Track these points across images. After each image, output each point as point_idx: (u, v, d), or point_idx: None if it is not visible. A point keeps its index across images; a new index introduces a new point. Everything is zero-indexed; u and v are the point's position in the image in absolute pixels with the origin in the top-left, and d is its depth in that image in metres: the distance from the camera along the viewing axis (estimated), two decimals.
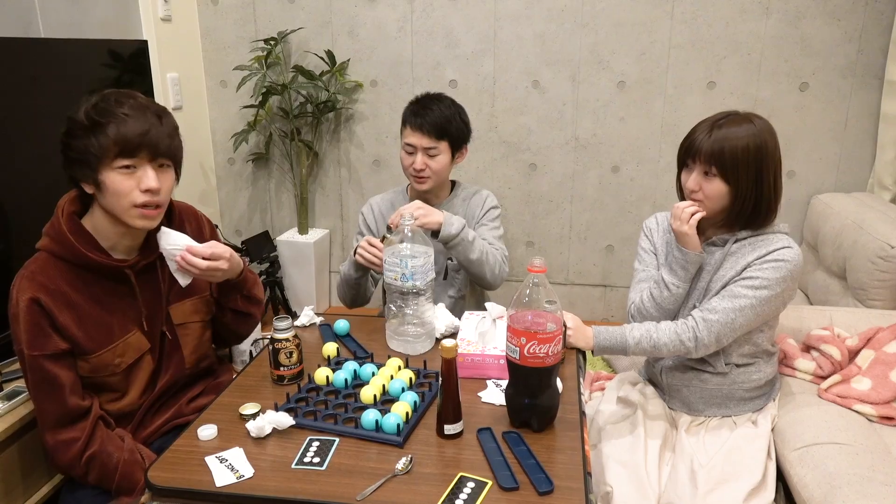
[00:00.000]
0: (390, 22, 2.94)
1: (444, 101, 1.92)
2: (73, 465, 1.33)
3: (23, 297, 1.29)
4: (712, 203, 1.54)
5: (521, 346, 1.19)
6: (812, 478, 1.48)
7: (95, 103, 1.29)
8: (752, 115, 1.54)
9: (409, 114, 1.91)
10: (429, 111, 1.88)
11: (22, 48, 1.81)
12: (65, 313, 1.32)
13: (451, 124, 1.89)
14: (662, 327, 1.57)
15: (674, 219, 1.57)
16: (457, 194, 2.04)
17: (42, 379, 1.31)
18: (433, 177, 1.91)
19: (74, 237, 1.33)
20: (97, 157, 1.28)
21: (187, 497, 1.11)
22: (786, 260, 1.51)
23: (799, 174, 2.85)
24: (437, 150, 1.88)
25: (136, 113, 1.30)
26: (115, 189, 1.30)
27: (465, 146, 1.98)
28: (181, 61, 2.94)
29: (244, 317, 1.60)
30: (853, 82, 2.71)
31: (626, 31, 2.79)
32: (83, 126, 1.28)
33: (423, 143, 1.87)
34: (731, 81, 2.78)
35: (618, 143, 2.94)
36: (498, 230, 2.03)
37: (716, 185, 1.51)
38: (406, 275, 1.49)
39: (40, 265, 1.33)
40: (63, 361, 1.33)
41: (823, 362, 1.84)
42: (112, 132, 1.27)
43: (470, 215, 2.02)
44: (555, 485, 1.09)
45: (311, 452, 1.18)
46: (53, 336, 1.31)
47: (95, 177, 1.30)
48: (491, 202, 2.03)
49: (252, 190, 3.32)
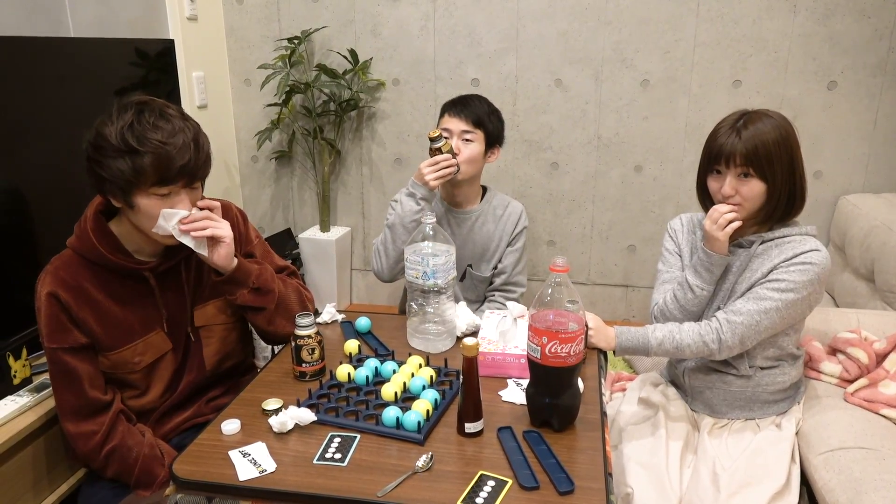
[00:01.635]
0: (413, 21, 2.95)
1: (483, 100, 1.99)
2: (92, 457, 1.36)
3: (43, 291, 1.32)
4: (750, 204, 1.51)
5: (542, 346, 1.19)
6: (837, 482, 1.45)
7: (130, 125, 1.25)
8: (766, 110, 1.52)
9: (448, 105, 1.98)
10: (469, 103, 1.95)
11: (53, 47, 1.85)
12: (84, 309, 1.34)
13: (489, 119, 1.96)
14: (686, 328, 1.56)
15: (709, 220, 1.53)
16: (489, 201, 2.05)
17: (60, 371, 1.34)
18: (464, 165, 1.91)
19: (97, 238, 1.34)
20: (132, 182, 1.27)
21: (211, 490, 1.12)
22: (813, 263, 1.48)
23: (826, 174, 2.80)
24: (473, 137, 1.92)
25: (174, 140, 1.27)
26: (148, 212, 1.31)
27: (498, 147, 2.02)
28: (206, 60, 2.98)
29: (258, 312, 1.51)
30: (883, 81, 2.65)
31: (650, 29, 2.77)
32: (118, 149, 1.25)
33: (460, 126, 1.92)
34: (757, 80, 2.74)
35: (641, 142, 2.91)
36: (523, 259, 2.09)
37: (753, 186, 1.49)
38: (427, 273, 1.49)
39: (65, 261, 1.36)
40: (82, 355, 1.35)
41: (850, 365, 1.81)
42: (151, 162, 1.25)
43: (501, 231, 2.04)
44: (575, 485, 1.08)
45: (333, 448, 1.19)
46: (73, 330, 1.33)
47: (129, 199, 1.29)
48: (524, 222, 2.07)
49: (275, 187, 3.35)
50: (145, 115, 1.27)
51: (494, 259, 2.04)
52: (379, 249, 1.94)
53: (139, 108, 1.28)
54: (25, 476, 1.46)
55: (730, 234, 1.52)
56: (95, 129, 1.28)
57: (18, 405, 1.48)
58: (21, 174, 1.72)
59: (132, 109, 1.28)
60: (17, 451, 1.44)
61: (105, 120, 1.27)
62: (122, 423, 1.38)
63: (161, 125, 1.27)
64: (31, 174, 1.75)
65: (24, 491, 1.46)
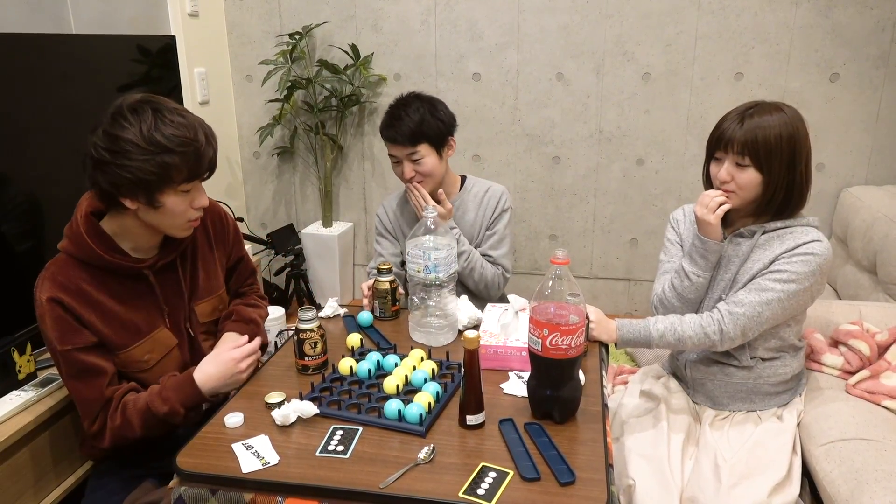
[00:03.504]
0: (414, 15, 2.95)
1: (411, 104, 1.89)
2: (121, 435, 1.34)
3: (44, 296, 1.30)
4: (744, 193, 1.52)
5: (543, 338, 1.20)
6: (839, 473, 1.46)
7: (154, 125, 1.25)
8: (781, 104, 1.52)
9: (383, 128, 1.91)
10: (399, 121, 1.86)
11: (55, 44, 1.85)
12: (88, 311, 1.33)
13: (424, 125, 1.86)
14: (687, 320, 1.56)
15: (700, 206, 1.55)
16: (468, 189, 2.03)
17: (79, 370, 1.32)
18: (427, 179, 1.91)
19: (91, 239, 1.33)
20: (163, 181, 1.27)
21: (214, 482, 1.13)
22: (815, 254, 1.49)
23: (829, 167, 2.80)
24: (419, 154, 1.87)
25: (199, 137, 1.30)
26: (174, 209, 1.32)
27: (450, 139, 1.95)
28: (208, 56, 2.98)
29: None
30: (886, 72, 2.64)
31: (651, 22, 2.76)
32: (146, 150, 1.24)
33: (402, 152, 1.88)
34: (759, 72, 2.74)
35: (642, 135, 2.91)
36: (506, 241, 2.02)
37: (749, 175, 1.49)
38: (429, 267, 1.50)
39: (60, 266, 1.34)
40: (98, 352, 1.35)
41: (852, 357, 1.81)
42: (182, 161, 1.27)
43: (482, 217, 2.01)
44: (576, 476, 1.09)
45: (335, 441, 1.20)
46: (83, 330, 1.33)
47: (154, 198, 1.29)
48: (505, 202, 2.01)
49: (277, 183, 3.36)
50: (164, 114, 1.27)
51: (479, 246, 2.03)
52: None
53: (154, 108, 1.27)
54: (31, 470, 1.48)
55: (720, 218, 1.53)
56: (108, 133, 1.24)
57: (23, 400, 1.49)
58: (24, 170, 1.73)
59: (147, 109, 1.26)
60: (23, 446, 1.45)
61: (119, 122, 1.24)
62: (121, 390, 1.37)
63: (182, 122, 1.28)
64: (33, 170, 1.76)
65: (30, 485, 1.47)
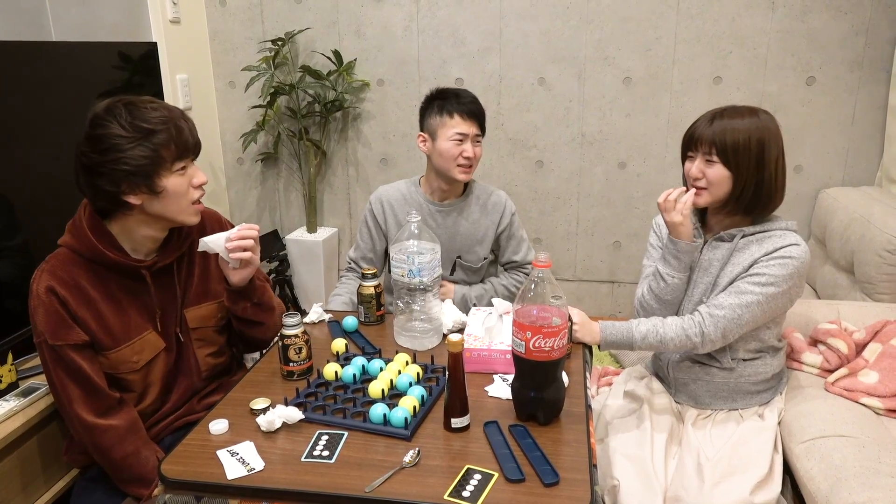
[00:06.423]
0: (396, 21, 2.96)
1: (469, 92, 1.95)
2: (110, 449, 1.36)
3: (41, 287, 1.32)
4: (715, 189, 1.55)
5: (526, 341, 1.21)
6: (819, 470, 1.48)
7: (131, 114, 1.29)
8: (757, 108, 1.55)
9: (453, 103, 1.89)
10: (476, 105, 1.91)
11: (34, 51, 1.84)
12: (82, 308, 1.35)
13: (483, 114, 1.94)
14: (669, 322, 1.58)
15: (664, 212, 1.58)
16: (471, 191, 2.05)
17: (67, 368, 1.33)
18: (475, 166, 1.94)
19: (95, 236, 1.35)
20: (157, 163, 1.31)
21: (199, 490, 1.13)
22: (793, 257, 1.51)
23: (806, 168, 2.84)
24: (480, 137, 1.93)
25: (174, 114, 1.34)
26: (176, 191, 1.35)
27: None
28: (190, 63, 2.97)
29: (256, 325, 1.58)
30: (860, 76, 2.70)
31: (631, 27, 2.79)
32: (133, 138, 1.28)
33: (472, 130, 1.90)
34: (737, 76, 2.78)
35: (624, 139, 2.94)
36: (523, 241, 2.11)
37: (717, 171, 1.53)
38: (413, 271, 1.50)
39: (60, 260, 1.36)
40: (85, 353, 1.36)
41: (830, 356, 1.84)
42: (167, 138, 1.31)
43: (490, 222, 2.04)
44: (560, 476, 1.10)
45: (321, 446, 1.20)
46: (75, 327, 1.34)
47: (153, 184, 1.32)
48: (510, 208, 2.07)
49: (261, 189, 3.35)
50: (137, 105, 1.32)
51: (483, 247, 2.05)
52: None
53: (125, 103, 1.32)
54: (16, 479, 1.46)
55: (689, 215, 1.56)
56: (93, 136, 1.29)
57: (5, 409, 1.48)
58: (6, 178, 1.72)
59: (120, 106, 1.31)
60: (6, 455, 1.44)
61: (98, 124, 1.29)
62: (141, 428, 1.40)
63: (155, 106, 1.33)
64: (16, 178, 1.75)
65: (15, 493, 1.46)
